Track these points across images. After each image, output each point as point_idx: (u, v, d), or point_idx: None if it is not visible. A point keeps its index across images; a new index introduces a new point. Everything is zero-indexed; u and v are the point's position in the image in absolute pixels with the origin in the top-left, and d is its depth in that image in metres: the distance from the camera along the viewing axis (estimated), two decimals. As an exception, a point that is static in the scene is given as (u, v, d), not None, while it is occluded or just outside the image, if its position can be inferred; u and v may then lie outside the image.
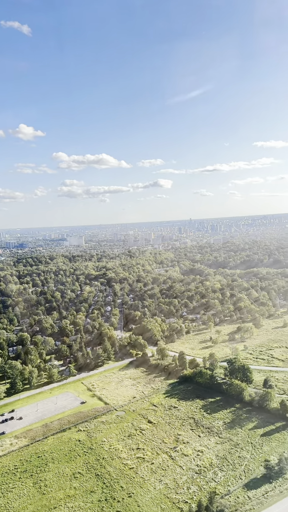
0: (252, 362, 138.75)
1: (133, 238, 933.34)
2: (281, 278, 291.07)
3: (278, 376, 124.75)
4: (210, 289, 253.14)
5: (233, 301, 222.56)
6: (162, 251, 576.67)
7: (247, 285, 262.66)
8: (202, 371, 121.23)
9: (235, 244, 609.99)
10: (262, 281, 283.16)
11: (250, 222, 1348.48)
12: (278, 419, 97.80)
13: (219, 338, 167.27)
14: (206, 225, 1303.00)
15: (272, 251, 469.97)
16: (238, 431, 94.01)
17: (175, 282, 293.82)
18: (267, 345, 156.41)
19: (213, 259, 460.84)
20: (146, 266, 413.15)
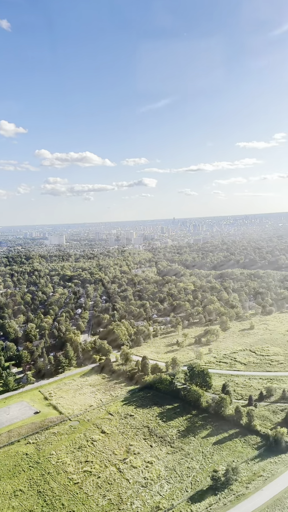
0: (215, 366, 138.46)
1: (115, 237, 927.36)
2: (254, 279, 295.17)
3: (238, 381, 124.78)
4: (183, 290, 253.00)
5: (204, 303, 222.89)
6: (141, 251, 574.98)
7: (219, 287, 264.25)
8: (162, 377, 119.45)
9: (214, 244, 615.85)
10: (235, 282, 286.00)
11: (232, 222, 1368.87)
12: (232, 426, 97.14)
13: (186, 341, 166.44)
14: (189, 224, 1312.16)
15: (248, 252, 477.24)
16: (191, 440, 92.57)
17: (149, 283, 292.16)
18: (231, 348, 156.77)
19: (191, 259, 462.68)
20: (123, 266, 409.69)
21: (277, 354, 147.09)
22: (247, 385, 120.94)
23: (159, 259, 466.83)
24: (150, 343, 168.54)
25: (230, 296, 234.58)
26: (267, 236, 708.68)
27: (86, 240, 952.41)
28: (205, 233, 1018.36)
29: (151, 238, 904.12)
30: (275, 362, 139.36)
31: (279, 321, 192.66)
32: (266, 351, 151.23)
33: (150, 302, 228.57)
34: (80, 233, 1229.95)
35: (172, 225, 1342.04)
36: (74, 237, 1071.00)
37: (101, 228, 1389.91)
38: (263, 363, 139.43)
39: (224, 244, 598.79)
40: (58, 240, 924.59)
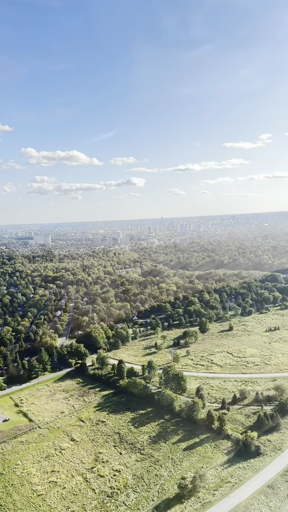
0: (191, 369, 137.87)
1: (101, 237, 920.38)
2: (236, 280, 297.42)
3: (214, 383, 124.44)
4: (165, 291, 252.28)
5: (185, 304, 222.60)
6: (127, 251, 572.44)
7: (201, 287, 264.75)
8: (136, 381, 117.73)
9: (199, 244, 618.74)
10: (218, 283, 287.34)
11: (219, 222, 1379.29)
12: (204, 431, 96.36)
13: (164, 343, 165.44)
14: (176, 224, 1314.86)
15: (232, 252, 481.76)
16: (161, 446, 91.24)
17: (132, 284, 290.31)
18: (209, 350, 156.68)
19: (175, 259, 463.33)
20: (108, 267, 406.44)
21: (254, 355, 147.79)
22: (222, 388, 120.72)
23: (144, 260, 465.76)
24: (128, 346, 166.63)
25: (211, 297, 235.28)
26: (252, 236, 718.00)
27: (72, 240, 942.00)
28: (192, 233, 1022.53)
29: (138, 238, 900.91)
30: (251, 363, 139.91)
31: (257, 322, 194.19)
32: (243, 352, 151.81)
33: (132, 303, 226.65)
34: (67, 233, 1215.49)
35: (159, 224, 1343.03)
36: (60, 236, 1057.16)
37: (89, 228, 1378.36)
38: (239, 365, 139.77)
39: (210, 244, 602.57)
40: (43, 240, 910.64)
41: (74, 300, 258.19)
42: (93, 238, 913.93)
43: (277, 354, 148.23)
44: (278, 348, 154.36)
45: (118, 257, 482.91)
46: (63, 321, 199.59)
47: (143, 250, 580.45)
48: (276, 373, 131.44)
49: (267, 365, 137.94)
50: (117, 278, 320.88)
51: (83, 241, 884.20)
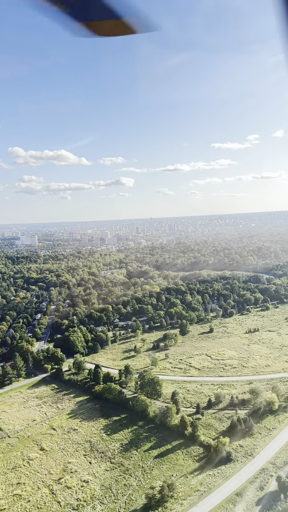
0: (169, 372, 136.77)
1: (88, 237, 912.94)
2: (219, 281, 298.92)
3: (190, 387, 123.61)
4: (148, 293, 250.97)
5: (167, 306, 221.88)
6: (113, 252, 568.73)
7: (184, 289, 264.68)
8: (111, 387, 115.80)
9: (186, 244, 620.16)
10: (201, 284, 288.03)
11: (207, 222, 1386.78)
12: (176, 437, 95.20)
13: (144, 346, 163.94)
14: (164, 224, 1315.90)
15: (218, 253, 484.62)
16: (132, 454, 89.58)
17: (116, 285, 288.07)
18: (189, 353, 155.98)
19: (161, 260, 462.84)
20: (92, 268, 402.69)
21: (232, 358, 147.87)
22: (198, 392, 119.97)
23: (130, 260, 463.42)
24: (108, 350, 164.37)
25: (194, 299, 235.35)
26: (238, 237, 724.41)
27: (60, 240, 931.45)
28: (180, 233, 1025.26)
29: (126, 238, 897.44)
30: (228, 366, 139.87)
31: (238, 323, 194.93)
32: (222, 355, 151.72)
33: (113, 305, 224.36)
34: (54, 233, 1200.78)
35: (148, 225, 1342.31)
36: (48, 237, 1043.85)
37: (78, 228, 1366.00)
38: (217, 367, 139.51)
39: (196, 244, 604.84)
40: (30, 240, 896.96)
41: (56, 302, 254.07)
42: (80, 238, 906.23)
43: (255, 356, 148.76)
44: (256, 350, 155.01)
45: (104, 258, 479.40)
46: (42, 324, 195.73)
47: (129, 251, 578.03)
48: (253, 375, 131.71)
49: (245, 368, 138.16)
50: (101, 279, 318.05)
51: (71, 241, 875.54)
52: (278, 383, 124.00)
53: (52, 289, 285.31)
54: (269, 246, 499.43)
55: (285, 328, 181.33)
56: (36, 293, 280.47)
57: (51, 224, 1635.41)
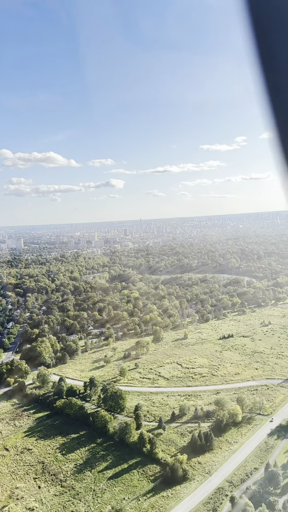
0: (137, 383, 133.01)
1: (75, 240, 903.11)
2: (200, 284, 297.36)
3: (156, 399, 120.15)
4: (126, 298, 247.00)
5: (144, 311, 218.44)
6: (97, 255, 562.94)
7: (163, 293, 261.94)
8: (72, 401, 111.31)
9: (171, 247, 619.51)
10: (181, 288, 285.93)
11: (196, 224, 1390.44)
12: (134, 455, 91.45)
13: (115, 355, 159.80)
14: (153, 226, 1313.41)
15: (202, 255, 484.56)
16: (86, 475, 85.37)
17: (95, 291, 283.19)
18: (160, 361, 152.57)
19: (145, 263, 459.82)
20: (75, 272, 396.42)
21: (202, 366, 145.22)
22: (163, 404, 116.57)
23: (114, 264, 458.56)
24: (77, 360, 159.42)
25: (171, 303, 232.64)
26: (225, 238, 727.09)
27: (46, 243, 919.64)
28: (168, 235, 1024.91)
29: (113, 241, 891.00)
30: (198, 375, 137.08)
31: (213, 329, 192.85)
32: (193, 363, 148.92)
33: (89, 312, 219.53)
34: (42, 236, 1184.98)
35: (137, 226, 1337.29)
36: (35, 240, 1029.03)
37: (67, 230, 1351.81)
38: (186, 377, 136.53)
39: (182, 247, 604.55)
40: (16, 243, 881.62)
41: (31, 309, 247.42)
42: (67, 241, 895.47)
43: (225, 363, 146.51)
44: (228, 357, 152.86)
45: (87, 262, 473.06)
46: (12, 334, 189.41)
47: (115, 254, 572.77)
48: (221, 384, 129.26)
49: (214, 376, 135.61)
50: (81, 284, 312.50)
51: (57, 244, 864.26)
52: (245, 392, 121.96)
53: (29, 295, 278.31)
54: (253, 248, 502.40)
55: (259, 334, 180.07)
56: (12, 299, 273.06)
57: (40, 227, 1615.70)
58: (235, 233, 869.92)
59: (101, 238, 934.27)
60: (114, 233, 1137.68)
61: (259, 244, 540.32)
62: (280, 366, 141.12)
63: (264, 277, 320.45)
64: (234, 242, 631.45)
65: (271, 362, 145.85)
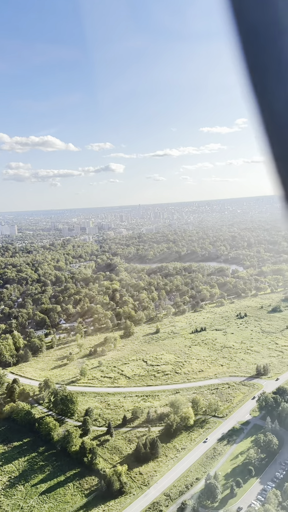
0: (97, 383, 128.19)
1: (68, 227, 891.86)
2: (184, 274, 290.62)
3: (112, 400, 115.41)
4: (104, 290, 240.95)
5: (121, 304, 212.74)
6: (88, 243, 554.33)
7: (143, 284, 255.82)
8: (19, 406, 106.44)
9: (164, 234, 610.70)
10: (163, 278, 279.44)
11: (194, 209, 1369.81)
12: (74, 466, 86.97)
13: (81, 352, 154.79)
14: (150, 212, 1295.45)
15: (193, 243, 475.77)
16: (17, 490, 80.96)
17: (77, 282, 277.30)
18: (126, 358, 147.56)
19: (134, 251, 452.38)
20: (60, 261, 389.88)
21: (168, 363, 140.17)
22: (118, 406, 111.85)
23: (103, 252, 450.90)
24: (41, 357, 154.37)
25: (150, 295, 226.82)
26: (219, 225, 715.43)
27: (41, 229, 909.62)
28: (164, 220, 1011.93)
29: (108, 227, 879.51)
30: (161, 373, 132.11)
31: (188, 322, 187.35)
32: (159, 359, 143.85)
33: (63, 305, 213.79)
34: (39, 222, 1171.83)
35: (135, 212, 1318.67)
36: (31, 226, 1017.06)
37: (66, 216, 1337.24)
38: (149, 375, 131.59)
39: (174, 234, 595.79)
40: (10, 230, 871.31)
41: (6, 302, 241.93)
42: (62, 228, 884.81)
43: (192, 360, 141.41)
44: (196, 353, 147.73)
45: (76, 250, 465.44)
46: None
47: (106, 242, 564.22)
48: (183, 383, 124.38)
49: (177, 374, 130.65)
50: (63, 274, 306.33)
51: (52, 231, 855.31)
52: (205, 391, 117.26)
53: (7, 286, 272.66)
54: (244, 235, 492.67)
55: (233, 326, 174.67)
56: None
57: (39, 212, 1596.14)
58: (232, 219, 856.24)
59: (96, 225, 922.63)
60: (110, 219, 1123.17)
61: (252, 231, 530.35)
62: (246, 362, 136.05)
63: (251, 265, 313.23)
64: (227, 228, 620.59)
65: (238, 357, 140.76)
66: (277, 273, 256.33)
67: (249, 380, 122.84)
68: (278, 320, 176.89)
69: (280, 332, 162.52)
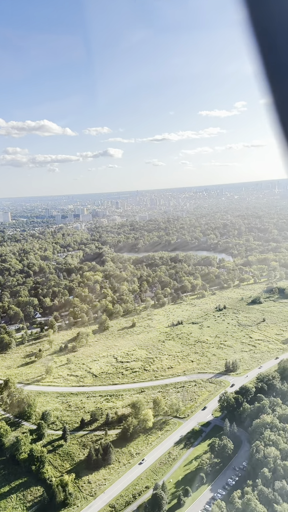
0: (62, 382, 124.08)
1: (62, 214, 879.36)
2: (170, 264, 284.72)
3: (74, 401, 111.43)
4: (85, 282, 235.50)
5: (100, 296, 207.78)
6: (78, 231, 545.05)
7: (126, 275, 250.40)
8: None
9: (156, 222, 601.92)
10: (147, 268, 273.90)
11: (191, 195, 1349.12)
12: (22, 475, 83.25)
13: (51, 349, 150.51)
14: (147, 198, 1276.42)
15: (184, 230, 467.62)
16: None
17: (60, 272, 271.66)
18: (97, 354, 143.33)
19: (124, 240, 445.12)
20: (48, 251, 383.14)
21: (138, 359, 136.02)
22: (79, 407, 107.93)
23: (92, 241, 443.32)
24: (8, 354, 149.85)
25: (131, 286, 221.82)
26: (214, 211, 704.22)
27: (35, 216, 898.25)
28: (160, 207, 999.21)
29: (103, 214, 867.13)
30: (129, 370, 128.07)
31: (166, 315, 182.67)
32: (130, 355, 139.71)
33: (42, 298, 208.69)
34: (35, 208, 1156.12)
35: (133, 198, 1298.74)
36: (26, 213, 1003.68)
37: (63, 202, 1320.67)
38: (117, 372, 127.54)
39: (167, 221, 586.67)
40: (3, 217, 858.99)
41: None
42: (56, 214, 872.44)
43: (163, 356, 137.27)
44: (168, 348, 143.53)
45: (65, 239, 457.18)
46: None
47: (97, 230, 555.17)
48: (150, 381, 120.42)
49: (145, 372, 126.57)
50: (48, 265, 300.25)
51: (46, 218, 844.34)
52: (171, 390, 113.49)
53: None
54: (236, 222, 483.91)
55: (210, 319, 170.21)
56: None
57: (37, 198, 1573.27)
58: (228, 205, 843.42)
59: (91, 212, 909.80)
60: (106, 206, 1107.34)
61: (245, 218, 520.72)
62: (217, 357, 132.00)
63: (238, 254, 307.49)
64: (221, 215, 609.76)
65: (210, 353, 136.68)
66: (263, 263, 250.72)
67: (217, 377, 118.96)
68: (256, 313, 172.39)
69: (256, 325, 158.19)
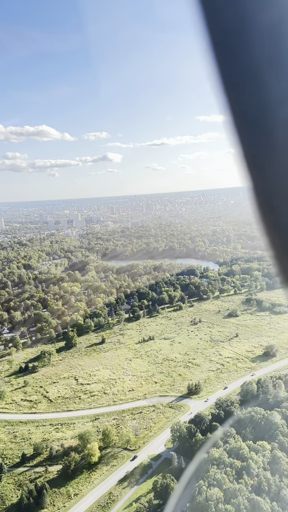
0: (13, 408, 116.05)
1: (55, 220, 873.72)
2: (153, 274, 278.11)
3: (21, 431, 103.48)
4: (60, 294, 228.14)
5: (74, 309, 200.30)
6: (67, 239, 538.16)
7: (105, 286, 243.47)
8: None
9: (147, 228, 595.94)
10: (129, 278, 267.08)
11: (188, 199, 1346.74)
12: None
13: (10, 369, 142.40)
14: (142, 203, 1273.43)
15: (174, 237, 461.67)
16: None
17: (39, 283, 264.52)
18: (58, 376, 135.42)
19: (112, 248, 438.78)
20: (33, 259, 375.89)
21: (100, 380, 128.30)
22: (25, 439, 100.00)
23: (80, 248, 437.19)
24: None
25: (107, 298, 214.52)
26: (207, 217, 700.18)
27: (29, 222, 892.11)
28: (156, 212, 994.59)
29: (97, 220, 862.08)
30: (88, 394, 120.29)
31: (139, 330, 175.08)
32: (92, 377, 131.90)
33: (12, 311, 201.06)
34: (31, 214, 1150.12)
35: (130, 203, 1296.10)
36: (21, 218, 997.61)
37: (60, 207, 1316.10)
38: (74, 397, 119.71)
39: (158, 227, 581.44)
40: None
41: None
42: (49, 221, 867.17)
43: (126, 376, 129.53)
44: (134, 367, 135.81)
45: (52, 246, 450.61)
46: None
47: (87, 236, 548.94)
48: (107, 406, 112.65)
49: (104, 395, 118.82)
50: (25, 275, 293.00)
51: (40, 223, 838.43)
52: (127, 416, 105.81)
53: None
54: (226, 229, 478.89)
55: (183, 334, 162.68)
56: None
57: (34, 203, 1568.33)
58: (223, 210, 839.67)
59: (85, 217, 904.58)
60: (102, 211, 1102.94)
61: (236, 224, 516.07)
62: (182, 378, 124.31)
63: (224, 263, 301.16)
64: (213, 221, 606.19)
65: (176, 372, 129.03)
66: (246, 272, 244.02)
67: (178, 401, 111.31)
68: (231, 327, 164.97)
69: (229, 340, 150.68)
